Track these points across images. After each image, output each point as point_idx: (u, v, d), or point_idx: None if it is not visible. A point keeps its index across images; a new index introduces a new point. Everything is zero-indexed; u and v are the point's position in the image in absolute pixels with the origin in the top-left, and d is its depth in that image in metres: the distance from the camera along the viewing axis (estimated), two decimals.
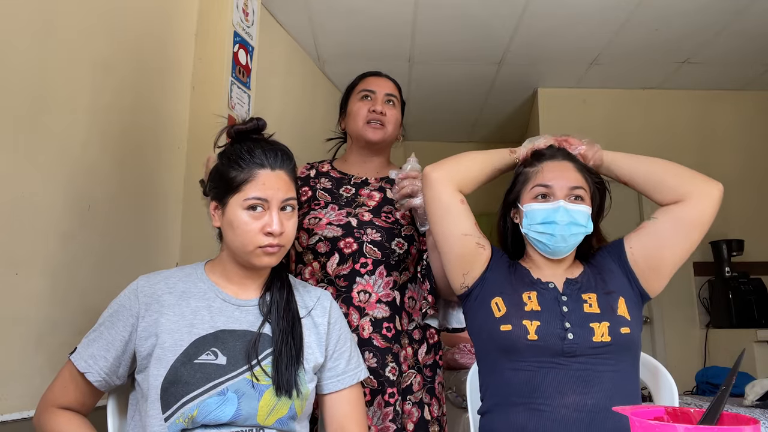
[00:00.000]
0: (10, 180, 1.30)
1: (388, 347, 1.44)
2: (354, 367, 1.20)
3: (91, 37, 1.59)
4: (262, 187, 1.08)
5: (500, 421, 1.18)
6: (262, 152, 1.11)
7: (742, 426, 0.72)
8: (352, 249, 1.47)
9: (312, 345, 1.15)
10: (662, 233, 1.23)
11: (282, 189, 1.10)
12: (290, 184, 1.13)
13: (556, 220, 1.20)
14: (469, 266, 1.27)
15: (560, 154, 1.29)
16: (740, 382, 2.14)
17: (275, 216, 1.07)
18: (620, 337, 1.16)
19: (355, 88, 1.65)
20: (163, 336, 1.05)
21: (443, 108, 4.36)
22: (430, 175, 1.29)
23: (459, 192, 1.28)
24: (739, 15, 3.01)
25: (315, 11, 2.99)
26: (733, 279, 3.47)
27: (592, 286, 1.24)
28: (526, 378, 1.16)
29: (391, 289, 1.48)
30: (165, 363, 1.03)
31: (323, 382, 1.17)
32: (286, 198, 1.10)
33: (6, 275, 1.28)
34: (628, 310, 1.20)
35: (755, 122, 3.95)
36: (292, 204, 1.12)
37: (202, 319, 1.08)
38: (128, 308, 1.08)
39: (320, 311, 1.19)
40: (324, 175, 1.62)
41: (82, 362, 1.06)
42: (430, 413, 1.49)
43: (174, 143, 2.01)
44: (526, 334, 1.16)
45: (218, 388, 1.02)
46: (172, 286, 1.12)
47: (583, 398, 1.12)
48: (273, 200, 1.08)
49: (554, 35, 3.24)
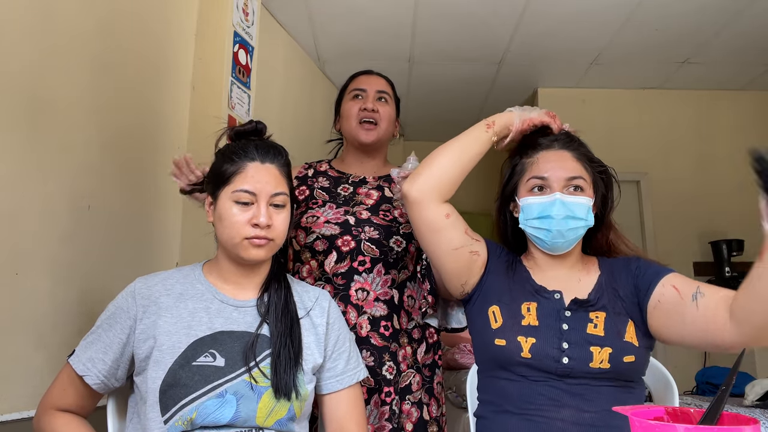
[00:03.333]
0: (10, 180, 1.30)
1: (385, 346, 1.44)
2: (353, 367, 1.20)
3: (91, 37, 1.59)
4: (251, 180, 1.09)
5: (496, 429, 1.14)
6: (254, 147, 1.12)
7: (742, 426, 0.72)
8: (349, 247, 1.46)
9: (311, 345, 1.14)
10: (688, 333, 1.05)
11: (271, 183, 1.10)
12: (280, 179, 1.12)
13: (552, 214, 1.12)
14: (466, 276, 1.21)
15: (558, 143, 1.20)
16: (740, 382, 2.14)
17: (263, 208, 1.08)
18: (621, 365, 1.07)
19: (347, 88, 1.64)
20: (161, 338, 1.04)
21: (443, 108, 4.36)
22: (409, 195, 1.17)
23: (444, 204, 1.18)
24: (739, 15, 3.01)
25: (315, 11, 2.99)
26: (733, 279, 3.47)
27: (602, 303, 1.13)
28: (520, 389, 1.11)
29: (389, 287, 1.48)
30: (163, 365, 1.02)
31: (322, 382, 1.17)
32: (276, 192, 1.10)
33: (6, 275, 1.28)
34: (637, 337, 1.09)
35: (755, 122, 3.95)
36: (282, 200, 1.11)
37: (200, 320, 1.08)
38: (125, 310, 1.08)
39: (319, 311, 1.19)
40: (322, 174, 1.61)
41: (80, 365, 1.06)
42: (429, 413, 1.48)
43: (174, 143, 2.01)
44: (519, 352, 1.10)
45: (217, 390, 1.02)
46: (169, 287, 1.11)
47: (580, 413, 1.06)
48: (261, 193, 1.08)
49: (554, 35, 3.24)
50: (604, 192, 1.22)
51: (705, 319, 1.02)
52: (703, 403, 2.12)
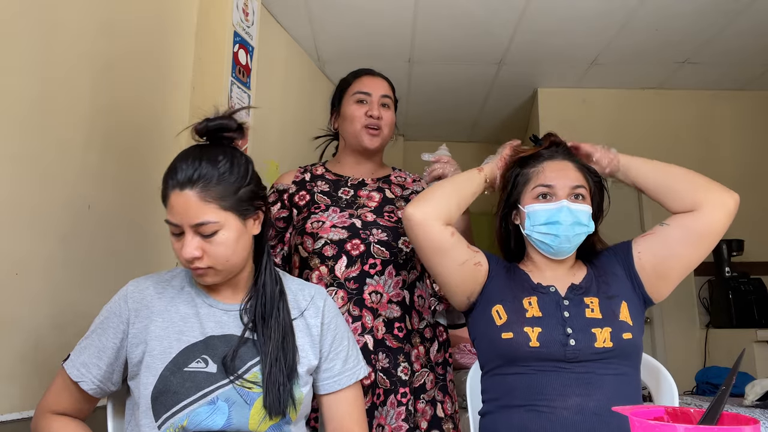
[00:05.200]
0: (10, 180, 1.30)
1: (400, 347, 1.44)
2: (352, 366, 1.17)
3: (91, 37, 1.59)
4: (172, 211, 1.00)
5: (501, 422, 1.17)
6: (176, 169, 1.01)
7: (742, 426, 0.72)
8: (359, 250, 1.46)
9: (305, 348, 1.12)
10: (672, 241, 1.20)
11: (190, 213, 0.99)
12: (202, 206, 0.99)
13: (560, 220, 1.19)
14: (471, 288, 1.26)
15: (560, 154, 1.28)
16: (740, 382, 2.14)
17: (188, 241, 1.00)
18: (622, 342, 1.15)
19: (349, 87, 1.62)
20: (152, 343, 1.03)
21: (443, 108, 4.35)
22: (413, 217, 1.21)
23: (447, 225, 1.23)
24: (739, 15, 3.01)
25: (315, 11, 2.99)
26: (733, 279, 3.47)
27: (594, 290, 1.22)
28: (528, 381, 1.15)
29: (400, 288, 1.48)
30: (154, 371, 1.01)
31: (319, 383, 1.14)
32: (197, 223, 0.99)
33: (6, 275, 1.28)
34: (630, 315, 1.19)
35: (755, 122, 3.95)
36: (209, 229, 1.00)
37: (191, 326, 1.06)
38: (118, 314, 1.07)
39: (313, 311, 1.16)
40: (319, 178, 1.61)
41: (75, 371, 1.05)
42: (444, 410, 1.49)
43: (174, 143, 2.01)
44: (527, 342, 1.15)
45: (208, 397, 1.00)
46: (161, 291, 1.10)
47: (585, 401, 1.11)
48: (183, 224, 1.00)
49: (554, 35, 3.24)
50: (599, 200, 1.30)
51: (682, 223, 1.20)
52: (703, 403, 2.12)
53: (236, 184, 1.03)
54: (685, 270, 1.22)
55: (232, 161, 1.04)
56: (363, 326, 1.42)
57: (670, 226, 1.21)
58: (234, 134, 1.09)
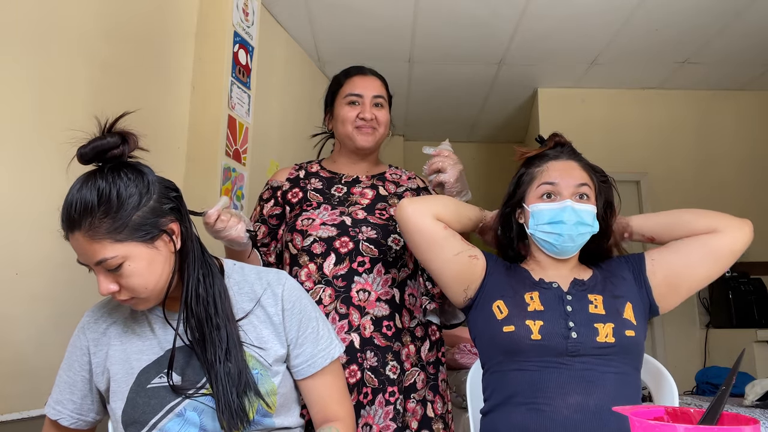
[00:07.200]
0: (10, 180, 1.30)
1: (388, 346, 1.43)
2: (324, 347, 1.11)
3: (91, 37, 1.59)
4: (76, 251, 0.96)
5: (502, 421, 1.17)
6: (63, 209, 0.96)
7: (742, 426, 0.72)
8: (348, 248, 1.46)
9: (268, 338, 1.07)
10: (690, 255, 1.21)
11: (87, 254, 0.93)
12: (94, 245, 0.93)
13: (564, 219, 1.19)
14: (468, 281, 1.25)
15: (565, 154, 1.27)
16: (740, 382, 2.14)
17: (101, 279, 0.96)
18: (625, 339, 1.15)
19: (340, 89, 1.61)
20: (114, 368, 1.03)
21: (443, 108, 4.36)
22: (405, 209, 1.24)
23: (439, 221, 1.25)
24: (739, 15, 3.02)
25: (315, 11, 2.99)
26: (733, 279, 3.47)
27: (600, 289, 1.22)
28: (529, 378, 1.15)
29: (389, 286, 1.48)
30: (121, 395, 1.01)
31: (294, 369, 1.10)
32: (97, 261, 0.93)
33: (6, 275, 1.28)
34: (635, 316, 1.19)
35: (755, 122, 3.95)
36: (112, 264, 0.93)
37: (150, 343, 1.05)
38: (79, 347, 1.07)
39: (271, 300, 1.10)
40: (314, 176, 1.60)
41: (51, 410, 1.07)
42: (434, 410, 1.49)
43: (174, 143, 2.01)
44: (529, 335, 1.15)
45: (175, 410, 0.98)
46: (115, 314, 1.09)
47: (586, 399, 1.11)
48: (90, 264, 0.95)
49: (554, 35, 3.24)
50: (609, 199, 1.29)
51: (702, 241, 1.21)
52: (703, 403, 2.12)
53: (127, 212, 0.94)
54: (696, 285, 1.23)
55: (118, 188, 0.95)
56: (350, 324, 1.42)
57: (689, 241, 1.23)
58: (118, 150, 1.00)
